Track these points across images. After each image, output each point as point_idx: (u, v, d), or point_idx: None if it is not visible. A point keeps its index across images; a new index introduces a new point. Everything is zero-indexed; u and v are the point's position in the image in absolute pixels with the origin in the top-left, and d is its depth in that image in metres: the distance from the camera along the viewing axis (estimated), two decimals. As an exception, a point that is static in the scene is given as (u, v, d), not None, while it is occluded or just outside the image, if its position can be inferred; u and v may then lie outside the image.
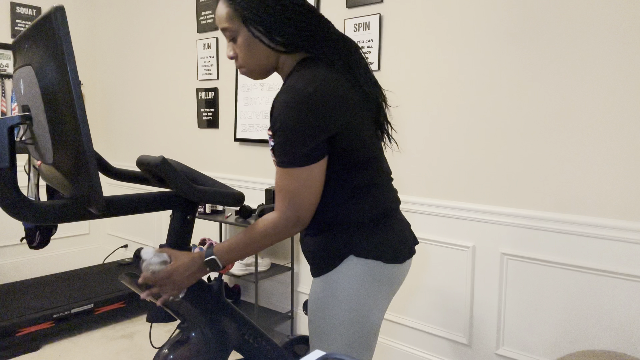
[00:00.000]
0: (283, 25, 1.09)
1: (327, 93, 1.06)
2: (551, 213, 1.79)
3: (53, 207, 1.04)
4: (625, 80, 1.62)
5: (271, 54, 1.14)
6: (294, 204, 1.10)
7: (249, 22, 1.09)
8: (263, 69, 1.17)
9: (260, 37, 1.10)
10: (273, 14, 1.08)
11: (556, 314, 1.80)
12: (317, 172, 1.10)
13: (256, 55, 1.14)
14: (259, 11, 1.08)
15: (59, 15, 0.87)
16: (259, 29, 1.09)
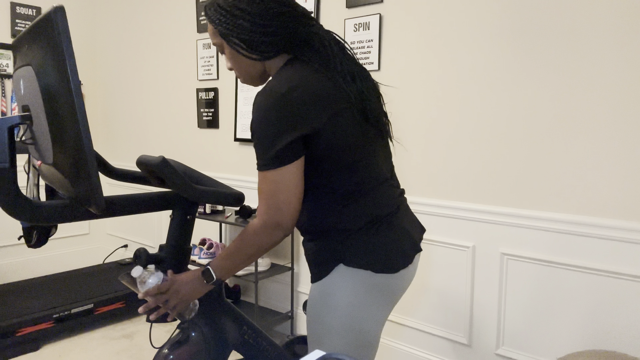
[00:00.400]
0: (257, 36, 1.12)
1: (302, 92, 1.06)
2: (551, 213, 1.79)
3: (53, 207, 1.04)
4: (625, 81, 1.62)
5: (255, 62, 1.17)
6: (272, 207, 1.08)
7: (225, 37, 1.14)
8: (254, 76, 1.21)
9: (239, 50, 1.15)
10: (245, 27, 1.11)
11: (556, 314, 1.80)
12: (291, 173, 1.08)
13: (243, 66, 1.18)
14: (232, 26, 1.12)
15: (59, 15, 0.87)
16: (235, 42, 1.14)
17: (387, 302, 1.18)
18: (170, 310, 1.16)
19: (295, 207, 1.10)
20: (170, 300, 1.16)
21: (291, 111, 1.05)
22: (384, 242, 1.15)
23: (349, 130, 1.12)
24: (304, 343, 1.77)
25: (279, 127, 1.05)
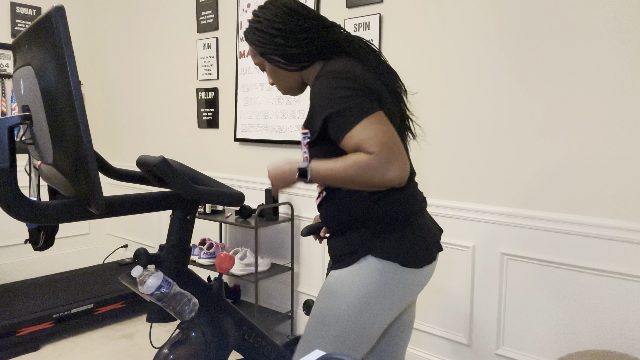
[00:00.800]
0: (293, 50, 1.22)
1: (354, 68, 1.15)
2: (551, 213, 1.79)
3: (53, 207, 1.04)
4: (625, 80, 1.62)
5: (294, 74, 1.28)
6: (387, 143, 1.02)
7: (265, 56, 1.25)
8: (294, 87, 1.32)
9: (279, 65, 1.25)
10: (281, 44, 1.22)
11: (556, 314, 1.80)
12: (385, 118, 1.08)
13: (283, 78, 1.29)
14: (270, 45, 1.22)
15: (59, 15, 0.87)
16: (275, 59, 1.25)
17: (402, 300, 1.20)
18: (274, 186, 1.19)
19: (405, 153, 1.05)
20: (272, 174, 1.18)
21: (354, 77, 1.11)
22: (413, 237, 1.18)
23: (393, 119, 1.17)
24: (304, 343, 1.77)
25: (350, 88, 1.09)
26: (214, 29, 2.99)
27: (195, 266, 2.81)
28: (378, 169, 1.01)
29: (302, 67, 1.26)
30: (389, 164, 1.01)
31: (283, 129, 2.63)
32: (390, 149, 1.02)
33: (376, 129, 1.04)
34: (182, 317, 1.24)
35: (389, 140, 1.03)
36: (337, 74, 1.11)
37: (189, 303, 1.23)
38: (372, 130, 1.04)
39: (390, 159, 1.02)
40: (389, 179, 1.02)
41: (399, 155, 1.03)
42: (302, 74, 1.29)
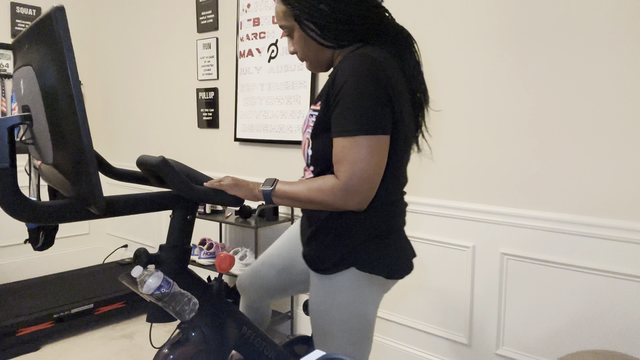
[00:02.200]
0: (334, 24, 1.11)
1: (390, 67, 1.07)
2: (551, 213, 1.79)
3: (53, 207, 1.04)
4: (626, 80, 1.62)
5: (325, 49, 1.17)
6: (358, 175, 1.02)
7: (301, 21, 1.13)
8: (323, 62, 1.21)
9: (312, 35, 1.14)
10: (325, 13, 1.10)
11: (556, 314, 1.80)
12: (384, 145, 1.04)
13: (312, 51, 1.18)
14: (311, 11, 1.10)
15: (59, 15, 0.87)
16: (310, 27, 1.13)
17: (380, 299, 1.25)
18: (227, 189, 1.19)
19: (377, 184, 1.06)
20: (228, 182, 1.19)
21: (385, 79, 1.04)
22: (397, 249, 1.19)
23: (401, 134, 1.11)
24: (304, 343, 1.77)
25: (377, 93, 1.03)
26: (214, 29, 2.99)
27: (195, 266, 2.81)
28: (340, 199, 1.04)
29: (340, 45, 1.15)
30: (353, 198, 1.04)
31: (283, 129, 2.63)
32: (361, 184, 1.03)
33: (366, 154, 1.02)
34: (182, 317, 1.24)
35: (366, 175, 1.03)
36: (372, 64, 1.03)
37: (189, 303, 1.23)
38: (362, 153, 1.02)
39: (355, 193, 1.03)
40: (347, 208, 1.06)
41: (366, 190, 1.04)
42: (335, 51, 1.18)
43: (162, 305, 1.19)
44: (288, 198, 1.13)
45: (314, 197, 1.08)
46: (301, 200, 1.11)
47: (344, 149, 1.04)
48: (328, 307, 1.19)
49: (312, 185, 1.08)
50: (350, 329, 1.19)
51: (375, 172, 1.04)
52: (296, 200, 1.11)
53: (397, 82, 1.08)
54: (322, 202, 1.08)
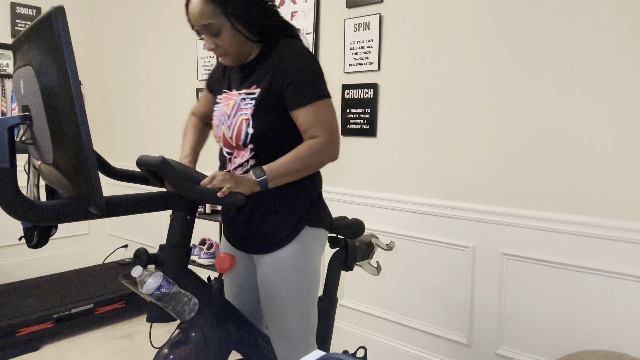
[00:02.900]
0: (261, 20, 1.26)
1: None
2: (551, 213, 1.79)
3: (53, 207, 1.04)
4: (626, 80, 1.62)
5: (249, 43, 1.31)
6: (335, 131, 1.28)
7: (232, 17, 1.22)
8: (243, 55, 1.33)
9: (242, 31, 1.26)
10: (253, 9, 1.24)
11: (556, 314, 1.80)
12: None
13: (238, 45, 1.29)
14: (242, 8, 1.22)
15: (59, 15, 0.87)
16: (241, 22, 1.24)
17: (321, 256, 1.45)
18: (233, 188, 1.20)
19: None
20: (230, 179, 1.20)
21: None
22: (326, 208, 1.45)
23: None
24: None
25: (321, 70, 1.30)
26: (214, 29, 2.99)
27: (195, 266, 2.81)
28: (330, 152, 1.26)
29: (263, 39, 1.30)
30: (336, 149, 1.28)
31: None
32: (336, 136, 1.28)
33: (331, 112, 1.28)
34: (182, 317, 1.24)
35: (336, 128, 1.29)
36: (311, 53, 1.28)
37: (189, 303, 1.23)
38: (330, 112, 1.27)
39: (336, 144, 1.28)
40: (333, 159, 1.29)
41: (339, 141, 1.29)
42: (253, 44, 1.32)
43: (162, 305, 1.19)
44: (284, 175, 1.24)
45: (310, 161, 1.25)
46: (298, 170, 1.25)
47: (317, 112, 1.26)
48: (304, 275, 1.34)
49: (302, 153, 1.24)
50: (315, 292, 1.36)
51: (337, 125, 1.30)
52: (293, 173, 1.25)
53: None
54: (318, 162, 1.27)
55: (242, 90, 1.34)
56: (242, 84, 1.36)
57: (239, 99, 1.32)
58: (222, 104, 1.40)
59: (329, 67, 2.43)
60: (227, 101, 1.38)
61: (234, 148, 1.37)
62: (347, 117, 2.36)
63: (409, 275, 2.22)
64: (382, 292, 2.32)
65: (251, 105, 1.30)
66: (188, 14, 1.27)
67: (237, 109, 1.33)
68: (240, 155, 1.36)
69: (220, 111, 1.39)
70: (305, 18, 2.50)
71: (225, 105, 1.37)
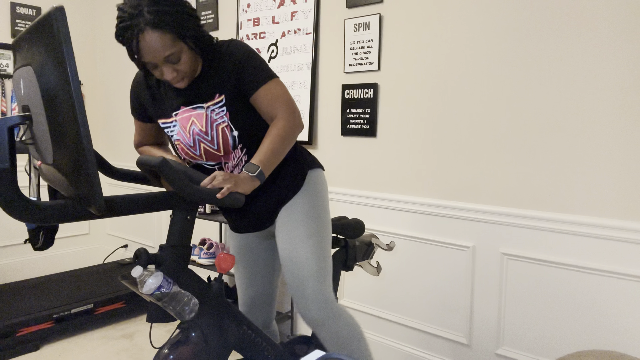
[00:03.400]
0: (201, 31, 1.31)
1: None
2: (551, 213, 1.79)
3: (53, 207, 1.04)
4: (626, 80, 1.62)
5: (199, 59, 1.36)
6: (292, 101, 1.37)
7: (187, 39, 1.26)
8: (196, 71, 1.36)
9: (195, 49, 1.30)
10: (195, 24, 1.29)
11: (556, 314, 1.80)
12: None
13: (195, 64, 1.33)
14: (189, 25, 1.26)
15: (59, 15, 0.87)
16: (193, 41, 1.29)
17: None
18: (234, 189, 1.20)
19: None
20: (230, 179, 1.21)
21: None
22: (305, 150, 1.58)
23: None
24: (304, 343, 1.77)
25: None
26: (214, 29, 2.99)
27: (195, 266, 2.81)
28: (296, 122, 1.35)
29: (206, 50, 1.35)
30: (299, 117, 1.36)
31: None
32: (295, 106, 1.37)
33: (284, 87, 1.37)
34: (182, 317, 1.24)
35: (290, 99, 1.36)
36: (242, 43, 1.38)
37: (189, 303, 1.23)
38: (283, 88, 1.36)
39: (298, 113, 1.37)
40: (301, 126, 1.38)
41: (297, 109, 1.37)
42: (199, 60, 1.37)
43: (162, 305, 1.19)
44: (273, 159, 1.29)
45: (287, 137, 1.32)
46: (282, 149, 1.32)
47: (276, 87, 1.35)
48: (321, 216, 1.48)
49: (278, 134, 1.31)
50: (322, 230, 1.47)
51: (292, 98, 1.39)
52: (278, 153, 1.31)
53: None
54: (293, 135, 1.34)
55: (206, 104, 1.36)
56: (197, 97, 1.37)
57: (208, 112, 1.35)
58: (180, 125, 1.40)
59: (329, 67, 2.43)
60: (187, 121, 1.38)
61: (221, 157, 1.41)
62: (347, 117, 2.36)
63: (409, 275, 2.22)
64: (382, 292, 2.32)
65: (223, 112, 1.36)
66: (141, 55, 1.24)
67: (211, 122, 1.36)
68: (231, 158, 1.42)
69: (187, 131, 1.39)
70: (305, 18, 2.50)
71: (188, 124, 1.38)
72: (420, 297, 2.19)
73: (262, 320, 1.69)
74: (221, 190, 1.18)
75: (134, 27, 1.18)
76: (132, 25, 1.18)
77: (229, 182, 1.19)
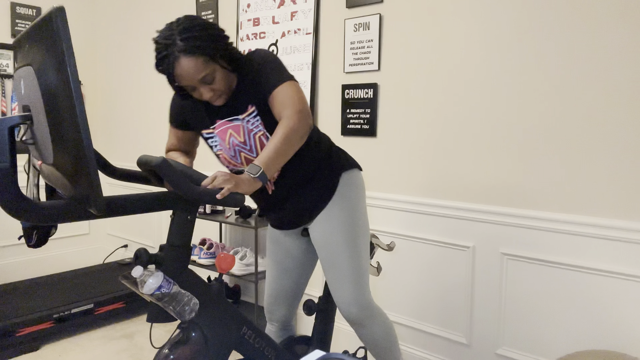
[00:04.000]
0: (231, 49, 1.36)
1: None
2: (551, 213, 1.79)
3: (53, 207, 1.04)
4: (626, 80, 1.62)
5: (232, 75, 1.41)
6: (304, 106, 1.35)
7: (219, 59, 1.32)
8: (232, 87, 1.42)
9: (227, 67, 1.35)
10: (225, 43, 1.34)
11: (556, 313, 1.80)
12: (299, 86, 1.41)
13: (229, 81, 1.39)
14: (220, 46, 1.31)
15: (59, 15, 0.87)
16: (226, 60, 1.34)
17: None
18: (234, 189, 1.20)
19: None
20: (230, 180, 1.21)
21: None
22: (343, 151, 1.60)
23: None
24: (304, 343, 1.77)
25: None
26: (214, 29, 2.99)
27: (195, 266, 2.81)
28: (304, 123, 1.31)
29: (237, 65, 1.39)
30: (307, 118, 1.33)
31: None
32: (301, 105, 1.33)
33: (293, 89, 1.35)
34: (182, 317, 1.24)
35: (300, 99, 1.34)
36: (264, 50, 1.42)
37: (189, 303, 1.23)
38: (291, 90, 1.34)
39: (307, 115, 1.34)
40: (309, 128, 1.34)
41: (306, 109, 1.35)
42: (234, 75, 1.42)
43: (162, 305, 1.19)
44: (276, 160, 1.28)
45: (292, 138, 1.29)
46: (286, 151, 1.29)
47: (290, 88, 1.34)
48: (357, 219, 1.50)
49: (282, 134, 1.28)
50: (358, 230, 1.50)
51: (306, 100, 1.38)
52: (282, 155, 1.29)
53: None
54: (299, 136, 1.31)
55: (242, 115, 1.42)
56: (238, 110, 1.43)
57: (244, 123, 1.42)
58: (219, 138, 1.47)
59: (329, 67, 2.43)
60: (225, 134, 1.45)
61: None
62: (347, 117, 2.36)
63: (409, 275, 2.22)
64: (382, 292, 2.32)
65: (258, 121, 1.41)
66: (176, 80, 1.32)
67: (248, 132, 1.42)
68: None
69: (227, 143, 1.46)
70: (305, 18, 2.50)
71: (227, 137, 1.46)
72: (420, 297, 2.19)
73: (282, 315, 1.73)
74: (221, 190, 1.18)
75: (170, 56, 1.27)
76: (168, 54, 1.27)
77: (229, 183, 1.19)
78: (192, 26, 1.27)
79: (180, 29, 1.26)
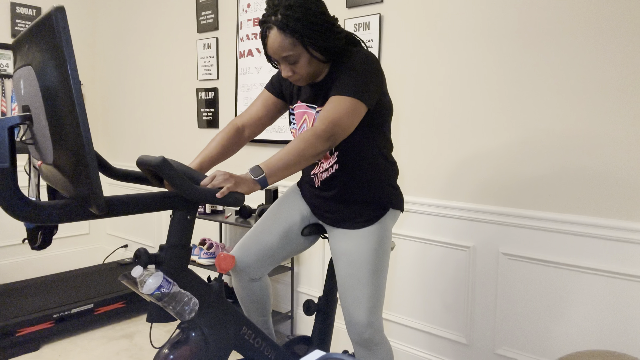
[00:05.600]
0: (333, 42, 1.33)
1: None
2: (551, 213, 1.79)
3: (53, 207, 1.04)
4: (626, 80, 1.62)
5: (322, 64, 1.40)
6: (338, 124, 1.27)
7: (310, 47, 1.31)
8: (317, 75, 1.41)
9: (318, 57, 1.34)
10: (325, 35, 1.32)
11: (556, 313, 1.81)
12: (363, 113, 1.32)
13: (313, 68, 1.37)
14: (316, 35, 1.30)
15: (59, 15, 0.87)
16: (317, 49, 1.33)
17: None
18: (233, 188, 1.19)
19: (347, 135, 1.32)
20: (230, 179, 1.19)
21: (382, 71, 1.38)
22: (401, 191, 1.58)
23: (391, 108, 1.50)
24: (304, 343, 1.77)
25: (380, 78, 1.36)
26: (214, 29, 2.99)
27: (195, 266, 2.81)
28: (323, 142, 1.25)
29: (330, 60, 1.37)
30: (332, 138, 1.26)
31: (283, 129, 2.63)
32: (335, 127, 1.26)
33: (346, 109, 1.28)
34: (182, 317, 1.24)
35: (340, 121, 1.27)
36: (377, 59, 1.37)
37: (189, 303, 1.23)
38: (343, 108, 1.28)
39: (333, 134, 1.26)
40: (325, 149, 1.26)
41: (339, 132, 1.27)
42: (325, 65, 1.40)
43: (162, 305, 1.20)
44: (282, 170, 1.23)
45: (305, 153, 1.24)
46: (296, 163, 1.24)
47: (342, 102, 1.28)
48: (383, 252, 1.47)
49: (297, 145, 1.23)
50: (383, 265, 1.48)
51: (349, 127, 1.29)
52: (290, 166, 1.24)
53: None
54: (313, 153, 1.24)
55: (318, 107, 1.44)
56: (316, 100, 1.44)
57: (316, 115, 1.43)
58: (298, 117, 1.50)
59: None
60: (300, 117, 1.49)
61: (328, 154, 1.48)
62: (347, 117, 2.36)
63: (409, 275, 2.22)
64: (382, 292, 2.32)
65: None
66: (266, 48, 1.35)
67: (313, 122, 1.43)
68: (327, 161, 1.48)
69: (300, 126, 1.50)
70: (305, 18, 2.49)
71: (300, 121, 1.49)
72: (421, 297, 2.19)
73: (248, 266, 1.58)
74: (221, 189, 1.18)
75: (267, 23, 1.30)
76: (267, 21, 1.30)
77: (228, 182, 1.19)
78: (297, 5, 1.27)
79: (287, 4, 1.28)
